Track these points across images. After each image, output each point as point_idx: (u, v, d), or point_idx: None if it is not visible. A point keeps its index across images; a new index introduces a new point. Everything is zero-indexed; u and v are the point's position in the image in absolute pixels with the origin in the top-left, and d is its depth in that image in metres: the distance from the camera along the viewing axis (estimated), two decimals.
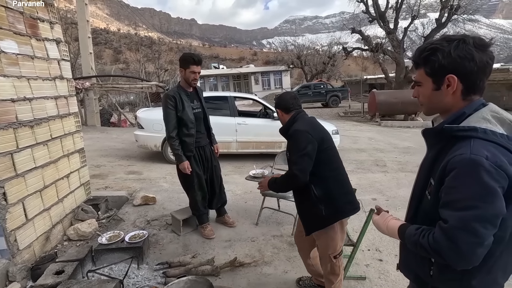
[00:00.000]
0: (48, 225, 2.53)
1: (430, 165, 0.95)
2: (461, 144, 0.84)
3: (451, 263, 0.83)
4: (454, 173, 0.82)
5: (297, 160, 1.64)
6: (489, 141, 0.82)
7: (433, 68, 0.91)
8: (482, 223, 0.78)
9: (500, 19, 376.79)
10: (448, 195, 0.83)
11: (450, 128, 0.88)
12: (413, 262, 1.02)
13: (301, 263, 2.41)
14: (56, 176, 2.66)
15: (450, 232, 0.80)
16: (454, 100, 0.91)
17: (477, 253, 0.80)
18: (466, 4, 13.89)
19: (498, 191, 0.77)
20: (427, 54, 0.91)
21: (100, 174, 4.90)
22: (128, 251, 2.32)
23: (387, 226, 1.04)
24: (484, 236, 0.78)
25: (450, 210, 0.82)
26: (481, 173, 0.77)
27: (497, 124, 0.86)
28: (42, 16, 2.61)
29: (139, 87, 11.83)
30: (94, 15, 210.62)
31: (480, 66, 0.86)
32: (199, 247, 2.67)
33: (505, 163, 0.78)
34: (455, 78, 0.88)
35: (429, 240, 0.84)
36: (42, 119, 2.50)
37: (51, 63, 2.70)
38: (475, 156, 0.79)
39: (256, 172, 3.18)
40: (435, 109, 0.99)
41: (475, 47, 0.85)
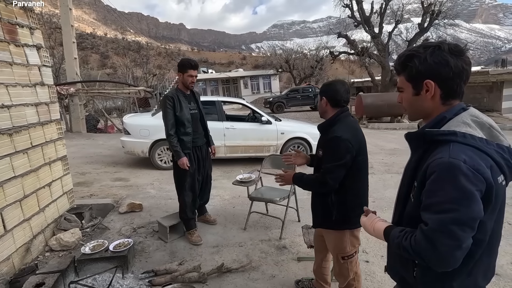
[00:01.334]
0: (29, 236, 2.45)
1: (414, 168, 0.97)
2: (441, 148, 0.86)
3: (431, 265, 0.85)
4: (433, 176, 0.84)
5: (333, 169, 1.59)
6: (468, 145, 0.83)
7: (411, 74, 0.94)
8: (460, 226, 0.79)
9: (479, 24, 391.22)
10: (428, 198, 0.85)
11: (431, 132, 0.91)
12: (398, 264, 1.04)
13: (288, 267, 2.42)
14: (37, 185, 2.59)
15: (430, 234, 0.82)
16: (434, 104, 0.94)
17: (456, 255, 0.81)
18: (447, 9, 14.39)
19: (475, 194, 0.79)
20: (405, 60, 0.95)
21: (85, 181, 4.79)
22: (112, 260, 2.27)
23: (374, 228, 1.06)
24: (462, 238, 0.80)
25: (429, 213, 0.84)
26: (459, 177, 0.79)
27: (476, 128, 0.87)
28: (21, 21, 2.55)
29: (126, 92, 11.67)
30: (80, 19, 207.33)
31: (455, 71, 0.88)
32: (186, 253, 2.63)
33: (483, 167, 0.80)
34: (432, 83, 0.91)
35: (411, 242, 0.86)
36: (21, 126, 2.43)
37: (31, 69, 2.64)
38: (453, 160, 0.81)
39: (243, 177, 3.18)
40: (417, 114, 1.01)
41: (450, 53, 0.89)
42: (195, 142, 2.84)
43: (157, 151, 5.45)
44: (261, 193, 3.14)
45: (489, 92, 13.72)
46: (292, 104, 18.95)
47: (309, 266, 2.43)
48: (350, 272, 1.79)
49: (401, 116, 11.84)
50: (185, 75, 2.74)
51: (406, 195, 0.99)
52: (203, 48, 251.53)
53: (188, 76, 2.74)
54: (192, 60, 2.79)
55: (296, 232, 2.97)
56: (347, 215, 1.67)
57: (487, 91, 13.82)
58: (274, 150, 5.70)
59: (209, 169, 3.10)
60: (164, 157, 5.51)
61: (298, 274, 2.33)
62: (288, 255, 2.59)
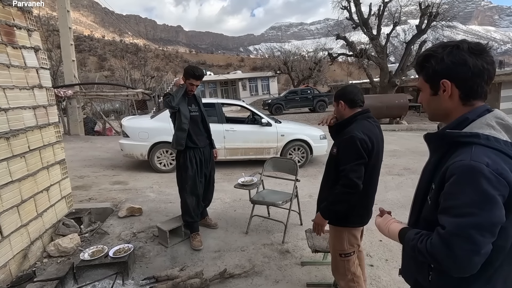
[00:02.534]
0: (26, 242, 2.40)
1: (432, 170, 0.94)
2: (463, 150, 0.83)
3: (447, 269, 0.82)
4: (453, 179, 0.80)
5: (355, 168, 1.58)
6: (491, 148, 0.80)
7: (428, 74, 0.93)
8: (480, 230, 0.76)
9: (476, 26, 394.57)
10: (446, 201, 0.82)
11: (452, 134, 0.88)
12: (413, 267, 1.01)
13: (292, 272, 2.38)
14: (34, 189, 2.53)
15: (447, 238, 0.79)
16: (452, 105, 0.91)
17: (474, 261, 0.78)
18: (444, 11, 14.46)
19: (497, 199, 0.75)
20: (422, 61, 0.94)
21: (83, 185, 4.73)
22: (112, 266, 2.22)
23: (389, 229, 1.04)
24: (481, 244, 0.77)
25: (448, 216, 0.81)
26: (481, 180, 0.76)
27: (501, 131, 0.84)
28: (18, 23, 2.50)
29: (124, 95, 11.61)
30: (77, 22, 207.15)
31: (474, 71, 0.85)
32: (187, 259, 2.58)
33: (506, 171, 0.77)
34: (449, 83, 0.89)
35: (427, 245, 0.84)
36: (19, 130, 2.38)
37: (29, 72, 2.59)
38: (475, 163, 0.77)
39: (245, 180, 3.15)
40: (436, 115, 0.99)
41: (469, 52, 0.86)
42: (196, 144, 2.83)
43: (156, 154, 5.40)
44: (262, 196, 3.10)
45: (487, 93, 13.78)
46: (290, 106, 18.93)
47: (313, 271, 2.39)
48: (347, 272, 1.79)
49: (400, 118, 11.86)
50: (187, 82, 2.78)
51: (423, 198, 0.97)
52: (201, 50, 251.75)
53: (189, 84, 2.79)
54: (197, 70, 2.82)
55: (299, 236, 2.93)
56: (348, 213, 1.69)
57: None
58: (274, 152, 5.67)
59: (212, 171, 3.09)
60: (163, 160, 5.46)
61: (302, 279, 2.29)
62: (291, 260, 2.55)
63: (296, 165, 3.01)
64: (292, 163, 3.08)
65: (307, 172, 5.37)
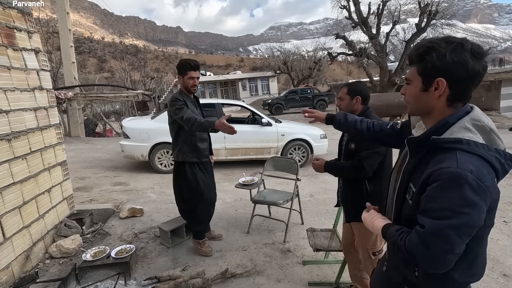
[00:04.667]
0: (28, 243, 2.40)
1: (411, 171, 0.96)
2: (446, 156, 0.85)
3: (423, 265, 0.87)
4: (438, 184, 0.82)
5: (370, 155, 1.66)
6: (473, 153, 0.83)
7: (426, 68, 0.89)
8: (458, 232, 0.80)
9: (475, 24, 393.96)
10: (428, 203, 0.84)
11: (437, 140, 0.88)
12: (401, 264, 1.03)
13: (294, 271, 2.38)
14: (36, 191, 2.54)
15: (425, 237, 0.83)
16: (439, 104, 0.91)
17: (448, 259, 0.82)
18: (444, 9, 14.46)
19: (478, 204, 0.79)
20: (423, 51, 0.89)
21: (84, 186, 4.74)
22: (114, 267, 2.22)
23: (373, 225, 1.08)
24: (457, 244, 0.81)
25: (427, 217, 0.84)
26: (464, 187, 0.78)
27: (477, 133, 0.86)
28: (19, 25, 2.51)
29: (124, 96, 11.63)
30: (77, 23, 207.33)
31: (471, 74, 0.85)
32: (189, 259, 2.59)
33: (486, 176, 0.81)
34: (444, 82, 0.87)
35: (406, 242, 0.87)
36: (20, 132, 2.39)
37: (30, 74, 2.60)
38: (461, 171, 0.80)
39: (245, 180, 3.15)
40: (419, 110, 0.99)
41: (471, 53, 0.84)
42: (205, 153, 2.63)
43: (157, 154, 5.41)
44: (263, 196, 3.10)
45: (487, 91, 13.78)
46: (290, 106, 18.95)
47: (314, 270, 2.40)
48: None
49: (400, 116, 11.84)
50: (186, 78, 2.49)
51: (403, 197, 0.99)
52: (201, 51, 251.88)
53: (189, 79, 2.49)
54: (191, 60, 2.53)
55: (300, 235, 2.93)
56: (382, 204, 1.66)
57: (485, 90, 13.88)
58: (274, 152, 5.67)
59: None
60: (164, 161, 5.47)
61: (304, 278, 2.29)
62: (293, 259, 2.55)
63: (296, 164, 3.02)
64: (292, 163, 3.08)
65: (308, 172, 5.38)
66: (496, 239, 2.81)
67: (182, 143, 2.51)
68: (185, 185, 2.55)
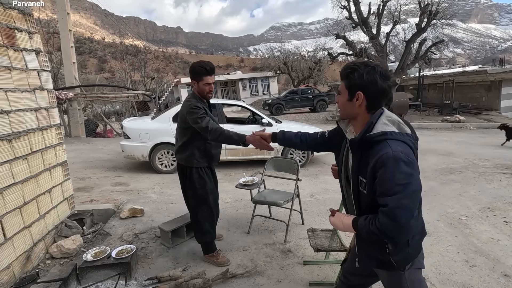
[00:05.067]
0: (29, 243, 2.40)
1: (357, 166, 1.18)
2: (381, 146, 1.09)
3: (396, 238, 1.10)
4: (383, 168, 1.06)
5: None
6: (397, 140, 1.09)
7: (350, 84, 1.18)
8: (410, 199, 1.04)
9: (475, 23, 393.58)
10: (382, 186, 1.07)
11: (371, 136, 1.13)
12: (374, 249, 1.23)
13: (294, 271, 2.38)
14: (37, 191, 2.54)
15: (390, 212, 1.04)
16: (360, 111, 1.19)
17: (411, 224, 1.05)
18: (444, 9, 14.44)
19: (413, 173, 1.06)
20: (349, 72, 1.17)
21: (85, 187, 4.75)
22: (115, 267, 2.22)
23: (343, 223, 1.24)
24: (414, 208, 1.05)
25: (387, 196, 1.05)
26: (401, 164, 1.04)
27: (391, 125, 1.14)
28: (19, 26, 2.51)
29: (125, 96, 11.63)
30: (77, 24, 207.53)
31: (380, 90, 1.14)
32: (189, 259, 2.59)
33: (410, 153, 1.08)
34: (362, 95, 1.15)
35: (376, 224, 1.07)
36: (21, 132, 2.39)
37: (30, 74, 2.61)
38: (395, 153, 1.06)
39: (246, 180, 3.15)
40: (347, 115, 1.26)
41: (380, 75, 1.13)
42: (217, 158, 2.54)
43: (157, 155, 5.41)
44: (264, 196, 3.10)
45: (488, 91, 13.76)
46: (291, 106, 18.92)
47: (315, 270, 2.40)
48: None
49: (400, 116, 11.82)
50: (201, 84, 2.27)
51: (357, 190, 1.20)
52: (201, 51, 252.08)
53: (204, 85, 2.27)
54: (206, 64, 2.28)
55: (301, 235, 2.93)
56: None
57: (485, 90, 13.86)
58: (275, 152, 5.67)
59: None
60: (164, 161, 5.47)
61: (305, 278, 2.29)
62: (293, 259, 2.55)
63: (297, 164, 3.02)
64: (293, 163, 3.08)
65: (308, 172, 5.38)
66: (497, 239, 2.81)
67: (195, 148, 2.34)
68: (191, 190, 2.43)
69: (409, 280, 1.21)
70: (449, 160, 6.08)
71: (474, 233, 2.97)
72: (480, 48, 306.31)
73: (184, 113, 2.28)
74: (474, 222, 3.20)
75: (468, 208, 3.57)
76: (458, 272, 2.34)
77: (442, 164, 5.70)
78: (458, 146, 7.65)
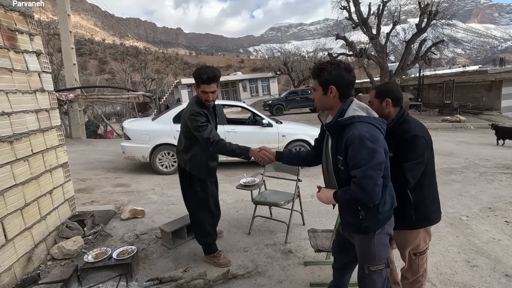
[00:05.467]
0: (30, 244, 2.41)
1: (335, 147, 1.40)
2: (350, 128, 1.31)
3: (364, 202, 1.31)
4: (351, 146, 1.28)
5: (413, 167, 1.57)
6: (363, 122, 1.31)
7: (322, 81, 1.40)
8: (374, 170, 1.26)
9: (475, 23, 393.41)
10: (352, 160, 1.29)
11: (342, 120, 1.35)
12: (349, 217, 1.47)
13: (295, 272, 2.38)
14: (38, 192, 2.55)
15: (358, 181, 1.27)
16: (335, 101, 1.42)
17: (376, 190, 1.27)
18: (444, 9, 14.45)
19: (377, 149, 1.26)
20: (318, 71, 1.40)
21: (86, 188, 4.75)
22: (116, 268, 2.23)
23: (326, 196, 1.46)
24: (377, 178, 1.27)
25: (355, 169, 1.28)
26: (366, 141, 1.26)
27: (361, 111, 1.36)
28: (20, 27, 2.52)
29: (125, 98, 11.65)
30: (78, 25, 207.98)
31: (347, 81, 1.38)
32: (190, 260, 2.59)
33: (375, 132, 1.30)
34: (334, 88, 1.38)
35: (350, 193, 1.31)
36: (22, 134, 2.40)
37: (31, 76, 2.61)
38: (360, 132, 1.27)
39: (246, 180, 3.15)
40: (324, 107, 1.49)
41: (345, 69, 1.37)
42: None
43: (158, 156, 5.41)
44: (264, 196, 3.10)
45: (488, 91, 13.75)
46: (291, 107, 18.91)
47: (316, 271, 2.40)
48: (420, 268, 1.79)
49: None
50: (199, 91, 2.21)
51: (336, 167, 1.42)
52: (201, 52, 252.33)
53: (201, 93, 2.20)
54: (204, 72, 2.15)
55: (301, 236, 2.93)
56: (426, 212, 1.68)
57: (486, 90, 13.85)
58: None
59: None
60: (165, 162, 5.47)
61: (305, 279, 2.29)
62: (294, 260, 2.55)
63: None
64: None
65: (309, 172, 5.38)
66: (498, 240, 2.81)
67: (193, 155, 2.33)
68: (190, 193, 2.41)
69: (377, 243, 1.42)
70: (450, 160, 6.08)
71: (475, 233, 2.96)
72: (480, 48, 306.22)
73: (186, 118, 2.24)
74: (475, 222, 3.19)
75: (469, 208, 3.57)
76: (459, 272, 2.34)
77: (443, 164, 5.70)
78: (458, 146, 7.64)
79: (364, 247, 1.46)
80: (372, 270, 1.44)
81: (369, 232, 1.41)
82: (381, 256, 1.43)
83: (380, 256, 1.43)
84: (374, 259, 1.43)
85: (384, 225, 1.42)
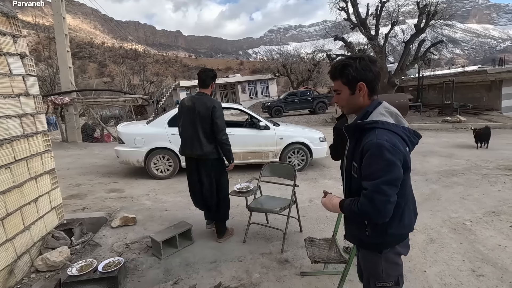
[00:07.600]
0: (12, 257, 2.28)
1: (352, 152, 1.26)
2: (370, 133, 1.17)
3: (372, 218, 1.17)
4: (368, 154, 1.14)
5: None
6: (386, 129, 1.16)
7: (348, 79, 1.23)
8: (388, 185, 1.12)
9: (474, 24, 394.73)
10: (366, 170, 1.16)
11: (362, 123, 1.21)
12: (355, 230, 1.32)
13: (292, 284, 2.25)
14: (21, 201, 2.43)
15: (369, 195, 1.13)
16: (364, 100, 1.26)
17: (388, 207, 1.13)
18: (442, 10, 14.39)
19: (396, 162, 1.12)
20: (342, 69, 1.23)
21: (78, 194, 4.63)
22: (101, 282, 2.11)
23: (332, 204, 1.33)
24: (391, 194, 1.12)
25: (368, 180, 1.15)
26: (384, 152, 1.11)
27: (389, 116, 1.21)
28: (3, 29, 2.42)
29: (121, 101, 11.54)
30: (77, 29, 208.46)
31: (375, 74, 1.23)
32: (181, 270, 2.47)
33: (397, 142, 1.14)
34: (364, 84, 1.22)
35: (358, 205, 1.17)
36: (3, 140, 2.28)
37: (14, 79, 2.50)
38: (379, 140, 1.12)
39: (241, 186, 3.04)
40: (353, 109, 1.31)
41: (370, 62, 1.22)
42: None
43: (153, 160, 5.29)
44: (260, 203, 2.98)
45: (488, 91, 13.65)
46: (290, 108, 18.83)
47: (313, 282, 2.27)
48: None
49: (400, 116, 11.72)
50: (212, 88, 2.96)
51: (350, 174, 1.28)
52: (201, 54, 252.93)
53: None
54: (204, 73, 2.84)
55: (299, 244, 2.81)
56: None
57: (486, 90, 13.75)
58: (273, 156, 5.56)
59: None
60: (160, 166, 5.35)
61: None
62: (290, 270, 2.43)
63: (294, 169, 2.90)
64: (290, 168, 2.97)
65: (307, 176, 5.26)
66: (504, 246, 2.69)
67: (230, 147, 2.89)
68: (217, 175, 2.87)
69: (385, 261, 1.28)
70: (451, 161, 5.96)
71: (479, 239, 2.84)
72: (478, 48, 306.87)
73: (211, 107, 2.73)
74: (479, 228, 3.07)
75: (472, 213, 3.45)
76: (464, 283, 2.21)
77: (444, 166, 5.58)
78: (459, 146, 7.52)
79: (370, 262, 1.33)
80: (379, 286, 1.30)
81: (375, 249, 1.28)
82: (390, 274, 1.29)
83: (388, 274, 1.28)
84: (382, 276, 1.29)
85: (394, 246, 1.27)
